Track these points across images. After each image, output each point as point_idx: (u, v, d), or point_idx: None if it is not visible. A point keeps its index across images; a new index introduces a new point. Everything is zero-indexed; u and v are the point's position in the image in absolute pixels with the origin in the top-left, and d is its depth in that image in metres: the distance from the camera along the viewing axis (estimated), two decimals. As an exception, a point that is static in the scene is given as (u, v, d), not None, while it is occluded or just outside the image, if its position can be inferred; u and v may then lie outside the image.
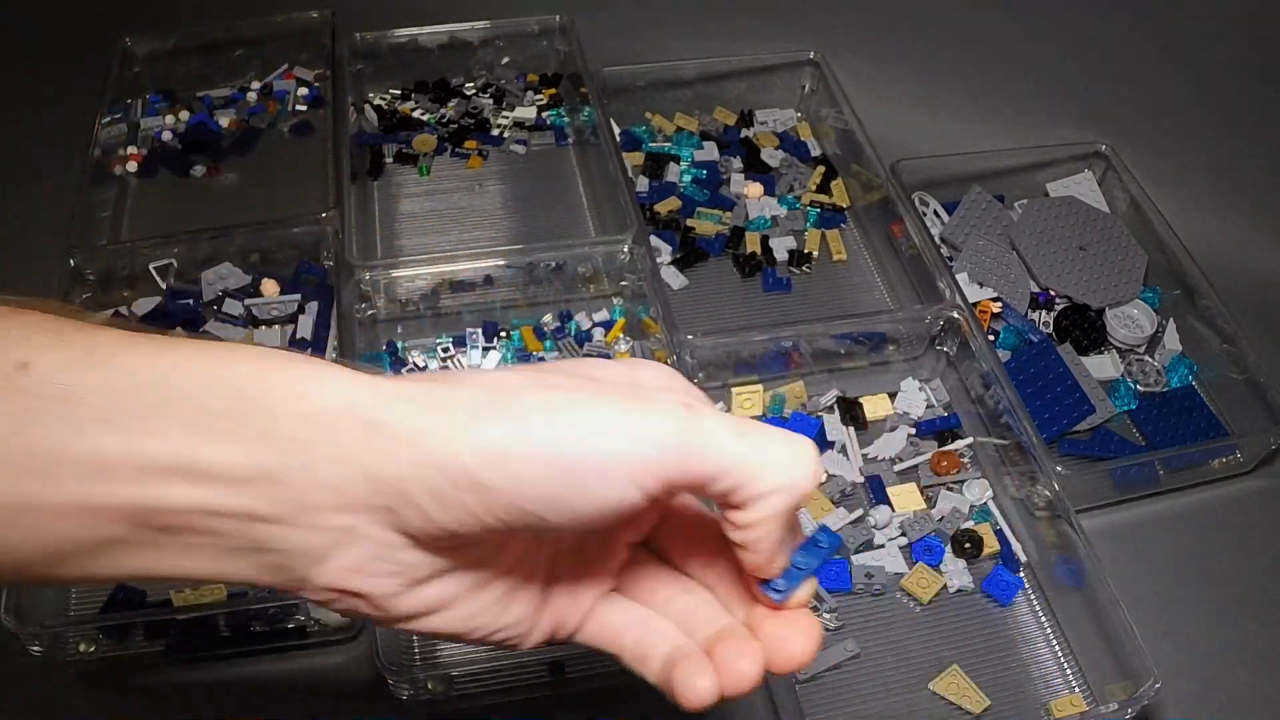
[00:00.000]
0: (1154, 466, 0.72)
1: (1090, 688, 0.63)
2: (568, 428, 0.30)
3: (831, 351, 0.77)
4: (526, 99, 0.97)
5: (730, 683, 0.34)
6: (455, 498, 0.30)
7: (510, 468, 0.30)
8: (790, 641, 0.35)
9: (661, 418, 0.30)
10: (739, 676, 0.34)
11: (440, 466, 0.30)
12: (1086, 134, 0.92)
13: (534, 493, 0.30)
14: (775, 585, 0.35)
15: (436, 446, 0.30)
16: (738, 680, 0.34)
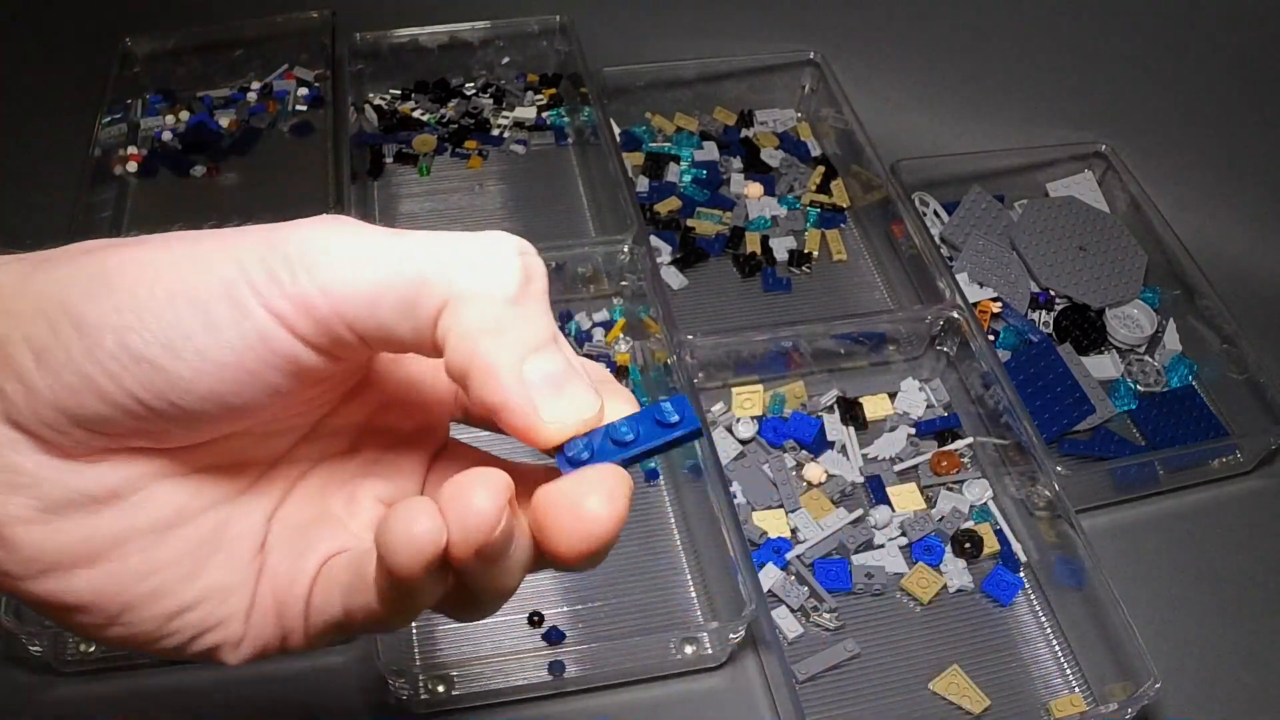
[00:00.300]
0: (1154, 466, 0.72)
1: (1090, 688, 0.63)
2: (180, 243, 0.26)
3: (831, 351, 0.77)
4: (526, 99, 0.97)
5: (461, 517, 0.25)
6: (58, 345, 0.24)
7: (126, 290, 0.24)
8: (586, 490, 0.26)
9: (317, 221, 0.26)
10: (473, 510, 0.25)
11: (36, 304, 0.24)
12: (1086, 134, 0.92)
13: (154, 323, 0.24)
14: (567, 454, 0.27)
15: (32, 280, 0.25)
16: (472, 516, 0.25)
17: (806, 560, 0.67)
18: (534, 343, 0.26)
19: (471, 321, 0.26)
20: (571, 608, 0.65)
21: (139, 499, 0.27)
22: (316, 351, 0.26)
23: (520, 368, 0.26)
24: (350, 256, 0.25)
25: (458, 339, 0.26)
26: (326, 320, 0.25)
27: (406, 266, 0.25)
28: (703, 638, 0.62)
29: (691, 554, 0.68)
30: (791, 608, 0.65)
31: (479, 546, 0.25)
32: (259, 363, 0.25)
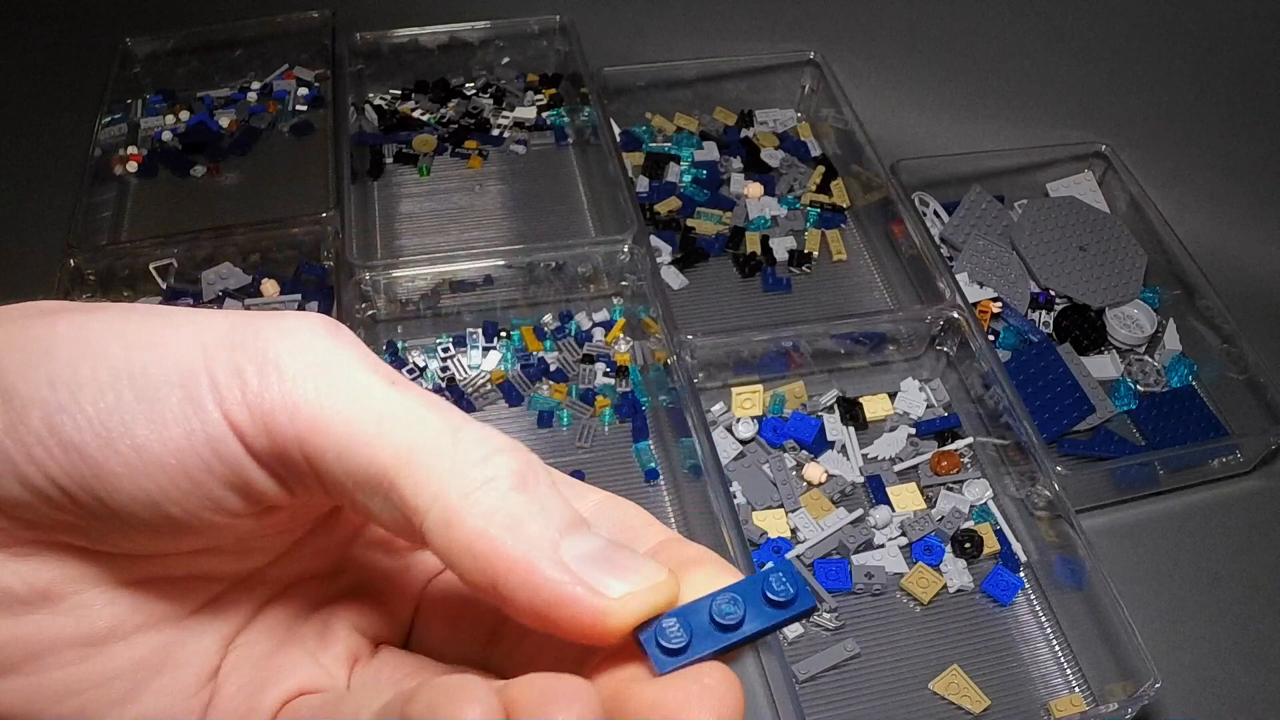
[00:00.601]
0: (1154, 466, 0.72)
1: (1090, 688, 0.63)
2: (142, 317, 0.22)
3: (831, 351, 0.77)
4: (526, 99, 0.97)
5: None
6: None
7: (66, 362, 0.21)
8: (689, 703, 0.21)
9: (226, 317, 0.23)
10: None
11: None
12: (1086, 134, 0.92)
13: (90, 406, 0.21)
14: (659, 640, 0.22)
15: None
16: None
17: (806, 560, 0.67)
18: (561, 524, 0.22)
19: (479, 517, 0.21)
20: (571, 608, 0.65)
21: (69, 605, 0.23)
22: (271, 476, 0.22)
23: (558, 552, 0.21)
24: (334, 384, 0.22)
25: (468, 538, 0.21)
26: (285, 446, 0.22)
27: (384, 444, 0.21)
28: (703, 638, 0.62)
29: (691, 554, 0.68)
30: (791, 608, 0.65)
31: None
32: (203, 471, 0.22)
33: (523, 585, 0.21)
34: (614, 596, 0.21)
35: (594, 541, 0.22)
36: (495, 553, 0.21)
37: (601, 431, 0.74)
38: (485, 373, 0.76)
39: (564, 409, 0.75)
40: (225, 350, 0.22)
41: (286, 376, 0.21)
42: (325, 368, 0.22)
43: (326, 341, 0.22)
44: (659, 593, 0.22)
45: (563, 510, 0.22)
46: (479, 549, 0.21)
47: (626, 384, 0.76)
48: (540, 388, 0.76)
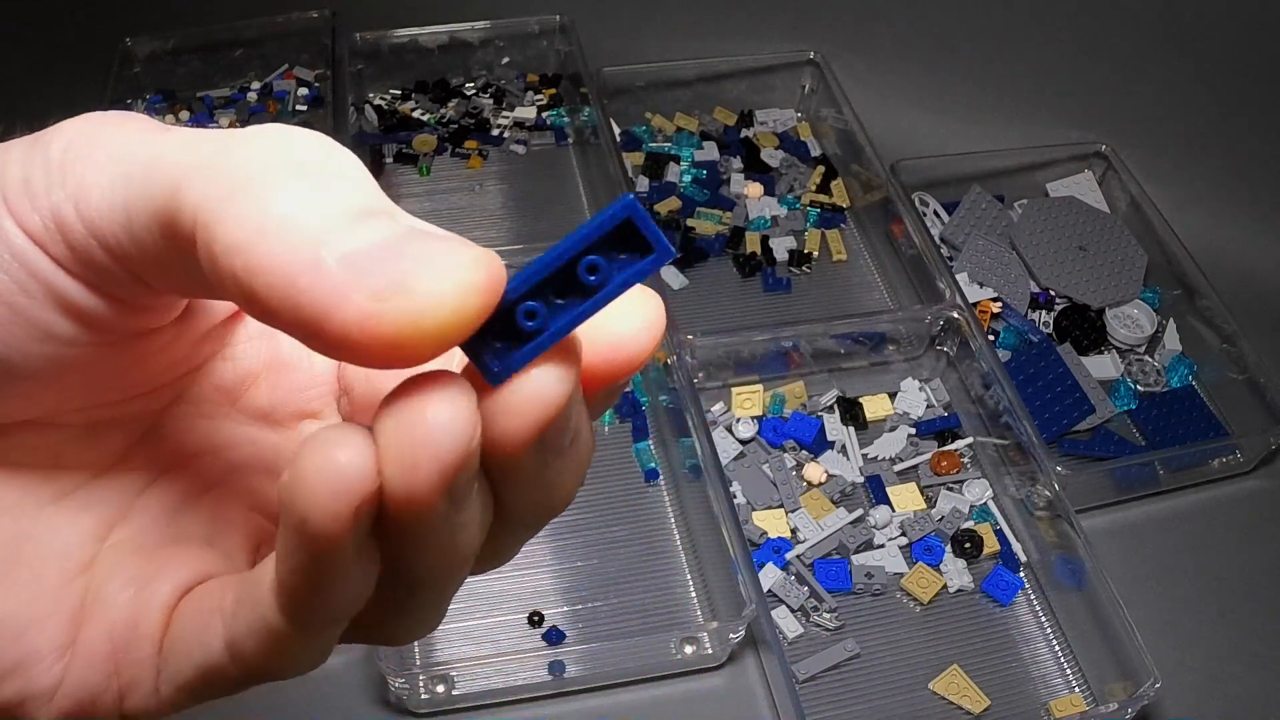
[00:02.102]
0: (1154, 466, 0.72)
1: (1090, 688, 0.63)
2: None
3: (831, 351, 0.77)
4: (526, 99, 0.97)
5: (411, 438, 0.18)
6: None
7: None
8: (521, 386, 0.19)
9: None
10: (431, 425, 0.18)
11: None
12: (1086, 134, 0.92)
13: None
14: (490, 358, 0.19)
15: None
16: (423, 435, 0.18)
17: (806, 560, 0.67)
18: (341, 214, 0.18)
19: (238, 220, 0.18)
20: (571, 608, 0.65)
21: None
22: (88, 288, 0.20)
23: (320, 251, 0.17)
24: (114, 158, 0.19)
25: (227, 251, 0.18)
26: (83, 244, 0.19)
27: (157, 172, 0.19)
28: (703, 638, 0.62)
29: (691, 554, 0.68)
30: (791, 608, 0.65)
31: (441, 477, 0.18)
32: (22, 294, 0.20)
33: (281, 297, 0.17)
34: (389, 299, 0.17)
35: (381, 230, 0.18)
36: (254, 260, 0.17)
37: (601, 431, 0.74)
38: (485, 373, 0.76)
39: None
40: (17, 161, 0.20)
41: (70, 171, 0.19)
42: (108, 149, 0.20)
43: (108, 122, 0.20)
44: (462, 288, 0.18)
45: (348, 196, 0.19)
46: (239, 264, 0.18)
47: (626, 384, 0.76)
48: (540, 388, 0.76)
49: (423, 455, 0.18)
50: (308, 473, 0.18)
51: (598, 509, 0.70)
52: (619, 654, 0.62)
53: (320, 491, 0.18)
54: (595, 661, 0.62)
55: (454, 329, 0.18)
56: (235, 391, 0.26)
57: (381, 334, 0.17)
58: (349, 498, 0.18)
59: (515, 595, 0.66)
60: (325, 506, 0.18)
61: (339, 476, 0.18)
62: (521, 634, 0.64)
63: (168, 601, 0.23)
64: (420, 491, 0.18)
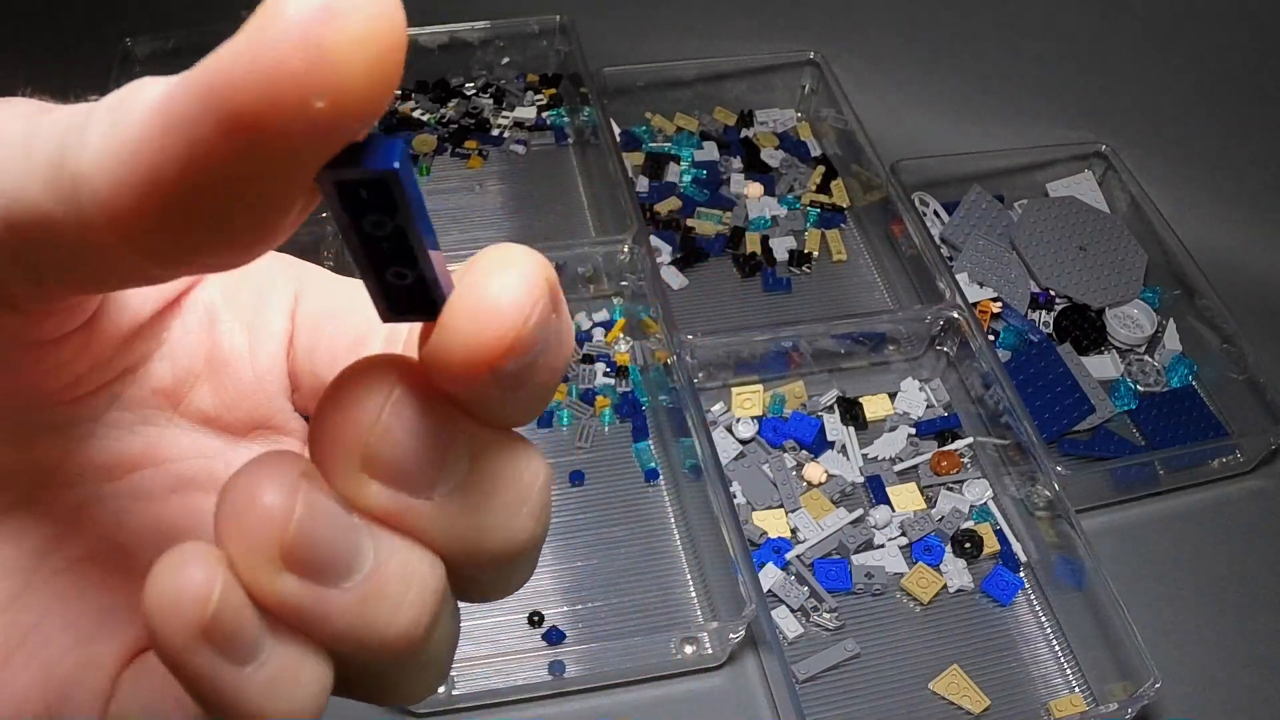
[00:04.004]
0: (1154, 466, 0.72)
1: (1090, 688, 0.63)
2: None
3: (831, 351, 0.77)
4: (526, 99, 0.97)
5: (241, 531, 0.17)
6: None
7: None
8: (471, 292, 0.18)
9: None
10: (257, 514, 0.17)
11: None
12: (1086, 134, 0.92)
13: None
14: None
15: None
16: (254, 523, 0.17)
17: (806, 560, 0.67)
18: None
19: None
20: (571, 608, 0.65)
21: None
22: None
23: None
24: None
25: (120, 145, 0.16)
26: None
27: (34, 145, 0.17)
28: (703, 638, 0.62)
29: (691, 554, 0.68)
30: (791, 608, 0.65)
31: (280, 551, 0.17)
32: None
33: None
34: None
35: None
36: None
37: (601, 431, 0.74)
38: (485, 373, 0.76)
39: (564, 409, 0.75)
40: None
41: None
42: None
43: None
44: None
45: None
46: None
47: (626, 384, 0.76)
48: (540, 388, 0.76)
49: (246, 541, 0.17)
50: (151, 598, 0.17)
51: (598, 509, 0.70)
52: (619, 654, 0.62)
53: (162, 620, 0.17)
54: (595, 661, 0.62)
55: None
56: (176, 394, 0.23)
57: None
58: (189, 617, 0.17)
59: (515, 595, 0.65)
60: (170, 636, 0.17)
61: (175, 602, 0.17)
62: (521, 634, 0.64)
63: (113, 666, 0.21)
64: (255, 578, 0.17)
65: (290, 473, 0.17)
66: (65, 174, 0.16)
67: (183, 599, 0.17)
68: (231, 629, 0.17)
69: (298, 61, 0.15)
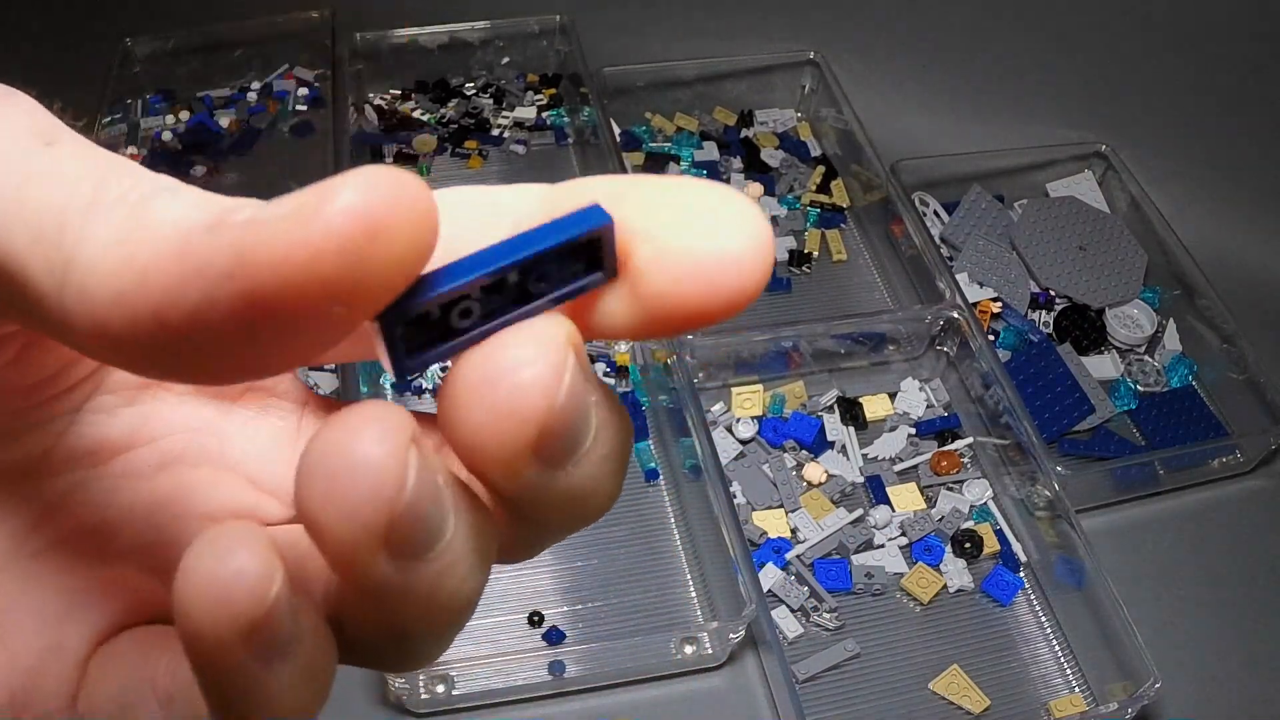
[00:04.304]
0: (1154, 466, 0.72)
1: (1090, 688, 0.63)
2: None
3: (831, 351, 0.77)
4: (526, 99, 0.97)
5: (328, 508, 0.15)
6: None
7: None
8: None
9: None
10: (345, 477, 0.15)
11: None
12: (1086, 134, 0.92)
13: None
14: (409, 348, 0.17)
15: None
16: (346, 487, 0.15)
17: (806, 560, 0.67)
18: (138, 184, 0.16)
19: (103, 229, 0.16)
20: (571, 608, 0.65)
21: None
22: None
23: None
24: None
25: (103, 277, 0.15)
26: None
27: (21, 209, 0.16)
28: (703, 638, 0.62)
29: (691, 554, 0.68)
30: (791, 608, 0.65)
31: (385, 521, 0.15)
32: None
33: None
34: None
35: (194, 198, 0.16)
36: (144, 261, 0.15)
37: (601, 431, 0.74)
38: (485, 373, 0.76)
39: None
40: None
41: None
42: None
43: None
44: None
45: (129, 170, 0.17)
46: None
47: (626, 384, 0.76)
48: (540, 388, 0.76)
49: (349, 516, 0.15)
50: (190, 587, 0.15)
51: (598, 509, 0.70)
52: (619, 654, 0.62)
53: (205, 613, 0.15)
54: (595, 661, 0.62)
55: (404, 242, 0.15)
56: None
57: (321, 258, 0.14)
58: (238, 620, 0.15)
59: (515, 595, 0.66)
60: (211, 630, 0.15)
61: (225, 594, 0.15)
62: (521, 634, 0.64)
63: (82, 651, 0.20)
64: (355, 558, 0.15)
65: (403, 431, 0.15)
66: (60, 250, 0.15)
67: (234, 591, 0.15)
68: (279, 627, 0.16)
69: (332, 268, 0.14)
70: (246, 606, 0.15)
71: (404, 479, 0.15)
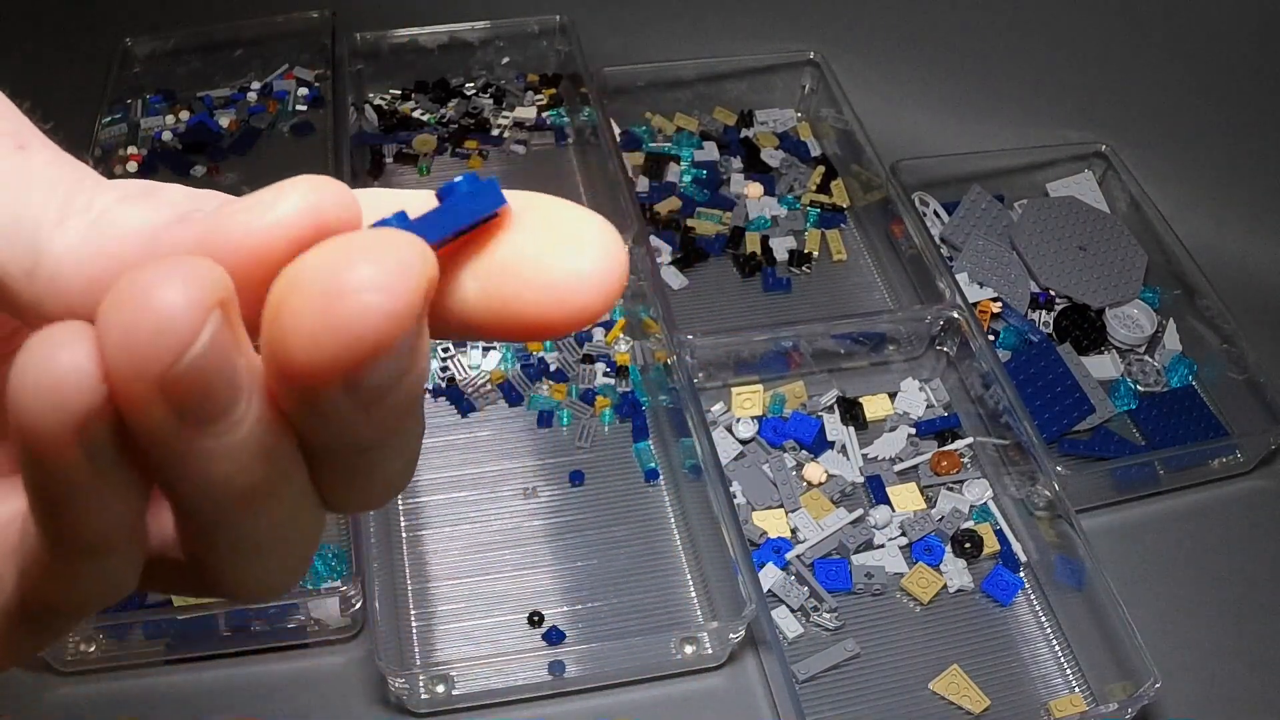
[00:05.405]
0: (1154, 466, 0.72)
1: (1090, 688, 0.63)
2: None
3: (831, 351, 0.77)
4: (526, 99, 0.97)
5: (133, 325, 0.15)
6: None
7: None
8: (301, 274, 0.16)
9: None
10: (153, 310, 0.15)
11: None
12: (1086, 134, 0.92)
13: None
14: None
15: None
16: (151, 320, 0.15)
17: (806, 560, 0.67)
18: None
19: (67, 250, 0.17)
20: (571, 608, 0.65)
21: None
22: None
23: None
24: None
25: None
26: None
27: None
28: (703, 638, 0.62)
29: (691, 554, 0.68)
30: (791, 608, 0.65)
31: (164, 373, 0.15)
32: None
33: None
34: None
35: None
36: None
37: (601, 431, 0.74)
38: (485, 373, 0.76)
39: (564, 409, 0.75)
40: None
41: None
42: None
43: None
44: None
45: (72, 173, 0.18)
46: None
47: (626, 384, 0.76)
48: (540, 388, 0.76)
49: (147, 348, 0.15)
50: (25, 381, 0.15)
51: (598, 509, 0.70)
52: (619, 654, 0.62)
53: (38, 403, 0.15)
54: (595, 661, 0.62)
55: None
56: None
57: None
58: (70, 411, 0.15)
59: (515, 595, 0.66)
60: (45, 420, 0.15)
61: (58, 385, 0.15)
62: (521, 634, 0.64)
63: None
64: (143, 397, 0.15)
65: (212, 288, 0.15)
66: (33, 246, 0.17)
67: (65, 382, 0.15)
68: (97, 434, 0.16)
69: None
70: (76, 397, 0.15)
71: (195, 336, 0.15)
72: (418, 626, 0.64)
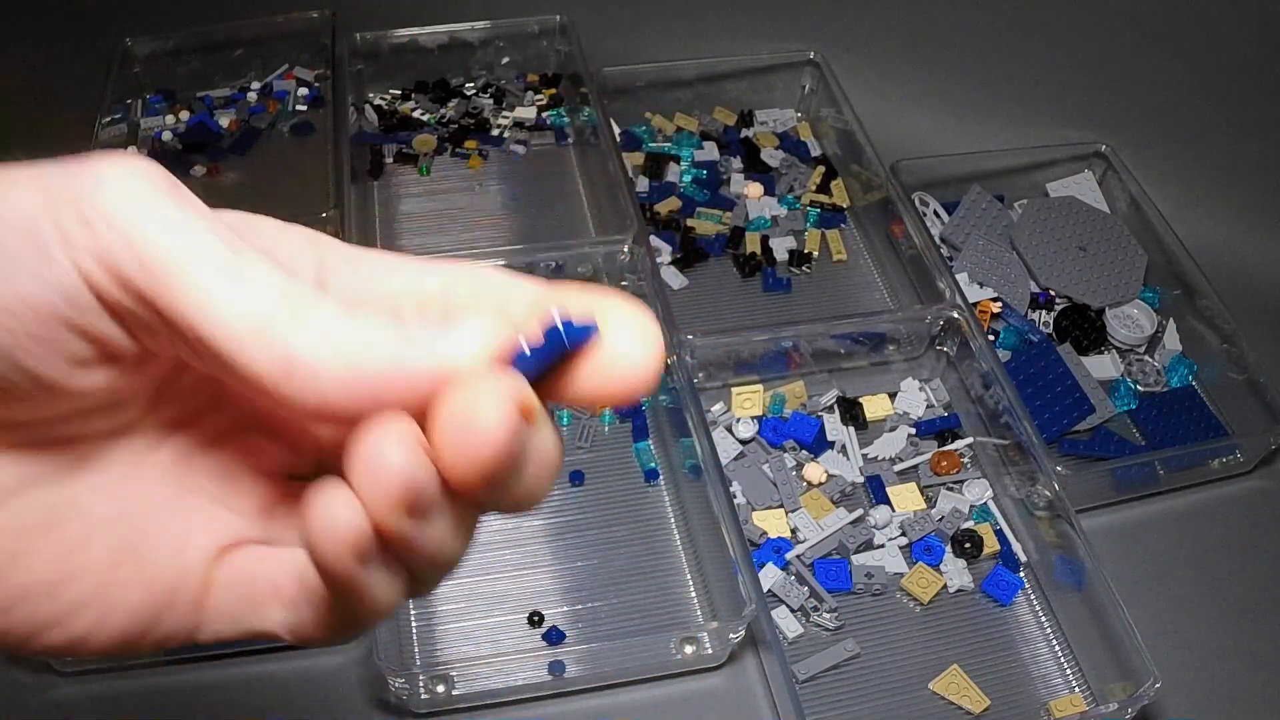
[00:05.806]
0: (1154, 466, 0.72)
1: (1090, 688, 0.63)
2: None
3: (831, 351, 0.77)
4: (526, 99, 0.97)
5: (373, 481, 0.21)
6: None
7: None
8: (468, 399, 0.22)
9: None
10: (384, 468, 0.21)
11: None
12: (1086, 134, 0.92)
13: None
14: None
15: None
16: (384, 475, 0.21)
17: (806, 560, 0.67)
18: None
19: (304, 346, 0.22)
20: (571, 608, 0.65)
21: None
22: (119, 324, 0.22)
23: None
24: (179, 241, 0.22)
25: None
26: (135, 298, 0.21)
27: (234, 304, 0.22)
28: (703, 638, 0.62)
29: (691, 554, 0.68)
30: (791, 608, 0.65)
31: (400, 505, 0.22)
32: (57, 324, 0.21)
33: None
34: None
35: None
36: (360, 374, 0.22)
37: (601, 431, 0.74)
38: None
39: (564, 409, 0.75)
40: (66, 196, 0.21)
41: (129, 225, 0.21)
42: (165, 222, 0.22)
43: (159, 192, 0.22)
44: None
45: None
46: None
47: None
48: (540, 388, 0.76)
49: (388, 494, 0.22)
50: (315, 532, 0.22)
51: (598, 509, 0.70)
52: (619, 654, 0.62)
53: (327, 547, 0.22)
54: (595, 661, 0.62)
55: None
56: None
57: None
58: (347, 544, 0.22)
59: (515, 595, 0.66)
60: (333, 557, 0.22)
61: (337, 530, 0.22)
62: (521, 634, 0.64)
63: (203, 567, 0.25)
64: (391, 520, 0.22)
65: (412, 443, 0.22)
66: (279, 344, 0.21)
67: (339, 527, 0.22)
68: (369, 547, 0.22)
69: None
70: (350, 534, 0.22)
71: (414, 473, 0.22)
72: (417, 626, 0.64)
